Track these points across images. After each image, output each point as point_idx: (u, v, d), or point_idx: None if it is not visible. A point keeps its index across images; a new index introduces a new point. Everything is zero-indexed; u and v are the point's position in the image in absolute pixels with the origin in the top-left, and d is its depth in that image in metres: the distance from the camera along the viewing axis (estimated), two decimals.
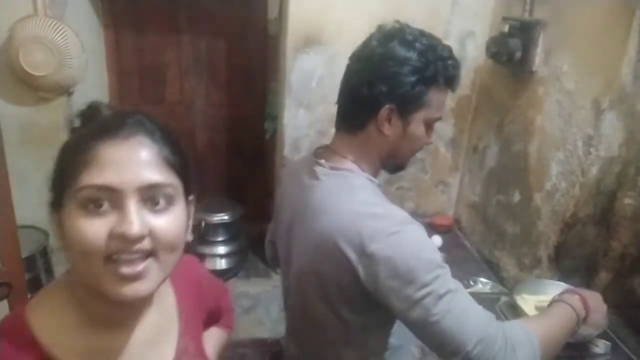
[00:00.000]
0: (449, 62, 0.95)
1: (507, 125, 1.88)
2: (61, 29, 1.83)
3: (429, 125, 0.99)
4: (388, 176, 2.22)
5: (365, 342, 1.02)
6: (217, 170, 2.74)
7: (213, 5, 2.41)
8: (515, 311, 1.36)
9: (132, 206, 0.57)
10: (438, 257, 0.89)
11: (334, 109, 1.04)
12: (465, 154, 2.25)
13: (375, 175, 1.02)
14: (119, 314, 0.66)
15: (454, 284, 0.87)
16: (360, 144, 0.99)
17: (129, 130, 0.60)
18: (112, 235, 0.57)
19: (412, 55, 0.92)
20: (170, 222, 0.61)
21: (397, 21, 0.99)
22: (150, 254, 0.59)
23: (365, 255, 0.87)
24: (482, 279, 1.76)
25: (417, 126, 0.97)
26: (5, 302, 1.34)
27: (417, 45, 0.93)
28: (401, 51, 0.92)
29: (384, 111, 0.94)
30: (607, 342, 1.27)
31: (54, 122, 2.00)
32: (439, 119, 1.00)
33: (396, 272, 0.85)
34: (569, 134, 1.49)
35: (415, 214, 2.35)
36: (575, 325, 1.00)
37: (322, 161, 1.02)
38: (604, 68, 1.37)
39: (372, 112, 0.95)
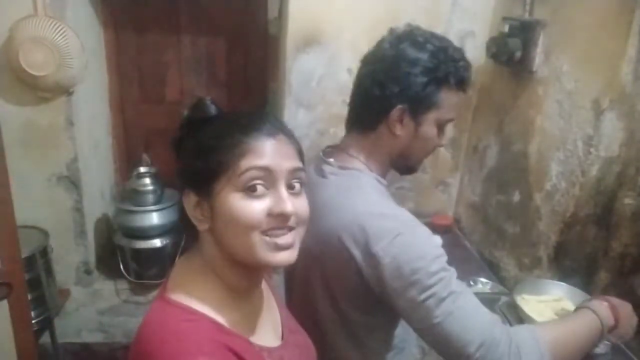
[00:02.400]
0: (460, 63, 0.97)
1: (507, 125, 1.88)
2: (61, 29, 1.83)
3: (440, 127, 0.99)
4: (388, 176, 2.23)
5: (368, 343, 1.01)
6: None
7: (213, 5, 2.41)
8: (515, 311, 1.36)
9: (284, 190, 0.70)
10: (443, 259, 0.89)
11: (334, 109, 1.05)
12: (465, 154, 2.25)
13: (384, 176, 1.03)
14: (247, 284, 0.77)
15: (458, 286, 0.88)
16: (371, 145, 1.00)
17: (273, 128, 0.72)
18: (270, 214, 0.69)
19: (424, 56, 0.93)
20: (304, 202, 0.74)
21: (409, 24, 1.00)
22: (292, 228, 0.71)
23: (370, 254, 0.87)
24: (482, 279, 1.76)
25: (428, 127, 0.98)
26: (5, 302, 1.34)
27: (429, 46, 0.94)
28: (412, 52, 0.94)
29: (396, 112, 0.95)
30: (607, 342, 1.26)
31: (54, 122, 2.00)
32: (451, 120, 1.00)
33: (400, 272, 0.85)
34: (569, 134, 1.49)
35: (415, 214, 2.35)
36: (600, 333, 0.96)
37: (331, 160, 1.02)
38: (604, 68, 1.37)
39: (383, 112, 0.96)
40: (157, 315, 0.70)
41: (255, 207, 0.68)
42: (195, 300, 0.70)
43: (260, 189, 0.68)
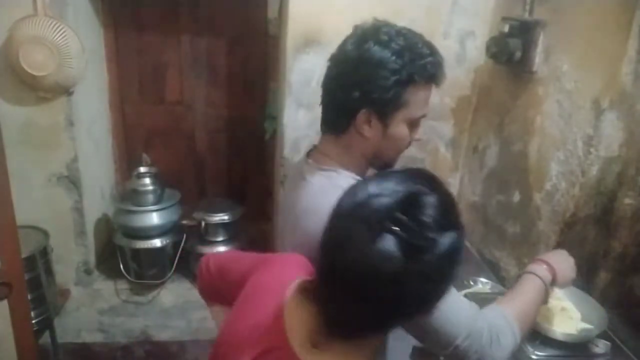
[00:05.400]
0: (428, 59, 0.92)
1: (507, 125, 1.88)
2: (61, 29, 1.83)
3: (412, 124, 0.97)
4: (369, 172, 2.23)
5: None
6: (217, 170, 2.74)
7: (213, 5, 2.41)
8: None
9: None
10: None
11: None
12: (465, 154, 2.25)
13: (362, 173, 1.02)
14: None
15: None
16: (344, 146, 0.99)
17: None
18: None
19: (387, 56, 0.90)
20: None
21: (375, 19, 0.98)
22: None
23: None
24: (482, 279, 1.76)
25: (397, 127, 0.95)
26: (5, 302, 1.34)
27: (393, 45, 0.91)
28: (376, 53, 0.90)
29: (362, 115, 0.93)
30: (607, 342, 1.26)
31: (54, 122, 2.00)
32: (422, 116, 0.98)
33: None
34: (569, 134, 1.49)
35: None
36: (545, 293, 1.04)
37: (310, 161, 1.02)
38: (604, 68, 1.37)
39: (350, 116, 0.95)
40: None
41: None
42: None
43: None
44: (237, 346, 0.73)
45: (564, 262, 1.10)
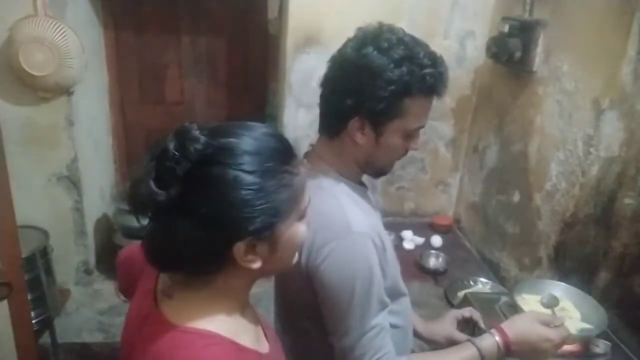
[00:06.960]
0: (427, 70, 0.88)
1: (507, 125, 1.88)
2: (61, 29, 1.83)
3: (408, 135, 0.95)
4: (388, 176, 2.23)
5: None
6: None
7: (213, 5, 2.41)
8: (515, 311, 1.35)
9: None
10: (367, 277, 0.88)
11: None
12: (465, 154, 2.25)
13: (355, 177, 1.01)
14: (248, 294, 0.76)
15: (372, 320, 0.88)
16: (337, 150, 0.98)
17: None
18: None
19: (385, 65, 0.87)
20: None
21: (380, 22, 0.95)
22: None
23: (310, 264, 0.88)
24: (482, 279, 1.76)
25: (391, 136, 0.93)
26: (5, 302, 1.34)
27: (392, 53, 0.87)
28: (374, 60, 0.87)
29: (354, 122, 0.91)
30: (607, 342, 1.26)
31: (54, 122, 2.00)
32: (420, 127, 0.96)
33: (324, 292, 0.88)
34: (569, 134, 1.49)
35: (415, 214, 2.36)
36: None
37: (304, 161, 1.02)
38: (604, 68, 1.37)
39: (343, 122, 0.93)
40: (171, 346, 0.65)
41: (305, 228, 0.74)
42: (208, 322, 0.67)
43: None
44: (130, 325, 0.78)
45: (527, 341, 0.97)
